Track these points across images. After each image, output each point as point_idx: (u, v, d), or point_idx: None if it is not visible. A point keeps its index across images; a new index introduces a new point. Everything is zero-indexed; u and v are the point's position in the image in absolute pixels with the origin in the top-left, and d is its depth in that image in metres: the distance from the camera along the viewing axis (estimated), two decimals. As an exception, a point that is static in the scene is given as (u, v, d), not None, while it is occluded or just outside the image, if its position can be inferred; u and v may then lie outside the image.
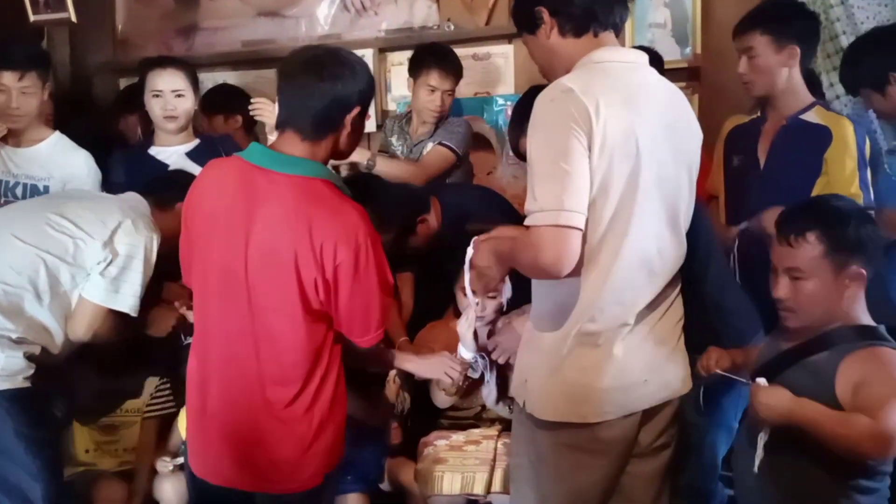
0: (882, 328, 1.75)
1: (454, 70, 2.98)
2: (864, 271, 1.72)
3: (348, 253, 1.70)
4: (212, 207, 1.79)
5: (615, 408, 1.69)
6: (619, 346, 1.68)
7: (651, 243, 1.67)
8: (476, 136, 3.41)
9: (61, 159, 2.72)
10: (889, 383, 1.62)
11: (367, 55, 3.48)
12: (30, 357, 2.13)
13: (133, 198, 2.38)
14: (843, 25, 2.65)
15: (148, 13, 3.91)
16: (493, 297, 2.34)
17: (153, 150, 2.84)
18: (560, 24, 1.64)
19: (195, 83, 2.84)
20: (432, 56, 2.97)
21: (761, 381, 1.71)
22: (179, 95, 2.76)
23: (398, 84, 3.51)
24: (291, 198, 1.71)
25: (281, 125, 1.78)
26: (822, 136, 2.32)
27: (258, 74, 3.75)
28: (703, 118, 2.89)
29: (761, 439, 1.74)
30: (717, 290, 1.87)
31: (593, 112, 1.52)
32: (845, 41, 2.66)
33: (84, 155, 2.74)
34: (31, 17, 3.71)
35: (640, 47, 2.11)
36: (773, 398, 1.68)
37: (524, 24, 1.70)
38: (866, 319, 1.76)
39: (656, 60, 1.75)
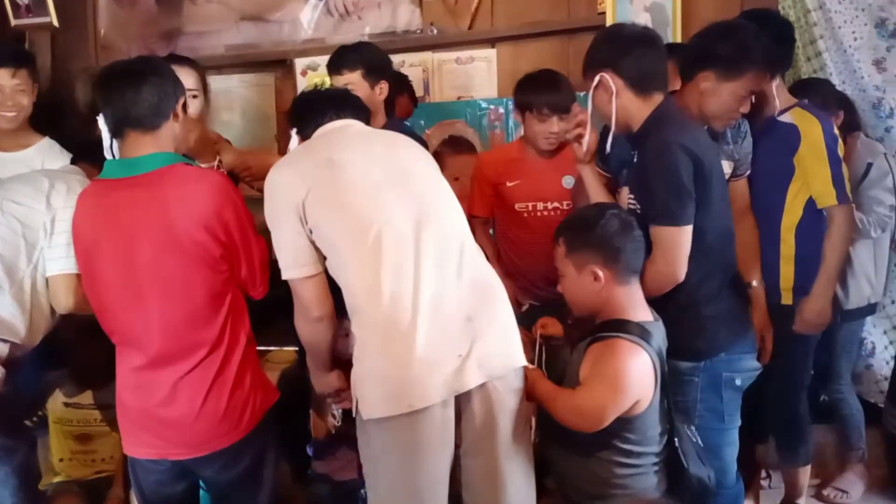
0: (638, 323, 1.93)
1: None
2: (598, 271, 1.94)
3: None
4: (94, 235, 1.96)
5: (429, 392, 1.78)
6: (419, 333, 1.78)
7: (401, 233, 1.85)
8: (459, 139, 3.42)
9: (48, 164, 2.70)
10: (599, 366, 1.87)
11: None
12: None
13: (64, 167, 2.40)
14: (822, 29, 2.67)
15: (130, 18, 3.88)
16: None
17: None
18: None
19: (206, 85, 2.74)
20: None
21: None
22: (194, 96, 2.59)
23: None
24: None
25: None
26: (792, 136, 2.34)
27: (241, 79, 3.75)
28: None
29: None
30: None
31: (304, 181, 1.88)
32: (823, 45, 2.69)
33: (63, 160, 2.71)
34: (13, 22, 3.69)
35: None
36: (528, 381, 1.95)
37: None
38: (631, 315, 1.95)
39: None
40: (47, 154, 2.76)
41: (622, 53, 2.04)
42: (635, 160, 2.12)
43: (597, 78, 2.06)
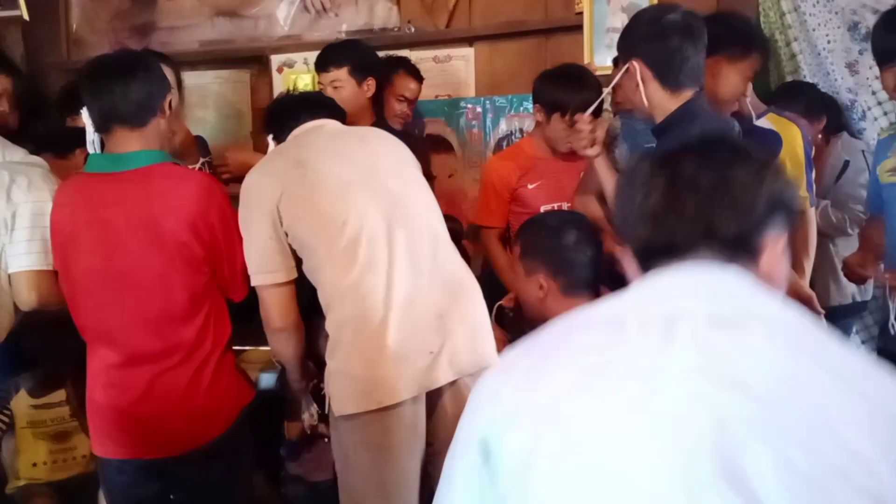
0: None
1: None
2: (543, 282, 1.92)
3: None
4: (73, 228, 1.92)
5: (399, 389, 1.78)
6: (390, 330, 1.79)
7: (375, 235, 1.85)
8: (437, 138, 3.42)
9: (8, 155, 2.64)
10: None
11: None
12: None
13: (26, 160, 2.33)
14: (796, 32, 2.71)
15: (102, 12, 3.82)
16: None
17: None
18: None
19: (180, 82, 2.69)
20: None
21: None
22: None
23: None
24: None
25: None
26: (774, 141, 2.36)
27: (216, 75, 3.71)
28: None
29: None
30: None
31: (278, 182, 1.89)
32: (797, 48, 2.72)
33: (21, 152, 2.65)
34: (-19, 15, 3.63)
35: None
36: None
37: None
38: None
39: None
40: (1, 144, 2.70)
41: (653, 41, 1.91)
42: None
43: (624, 66, 1.96)
